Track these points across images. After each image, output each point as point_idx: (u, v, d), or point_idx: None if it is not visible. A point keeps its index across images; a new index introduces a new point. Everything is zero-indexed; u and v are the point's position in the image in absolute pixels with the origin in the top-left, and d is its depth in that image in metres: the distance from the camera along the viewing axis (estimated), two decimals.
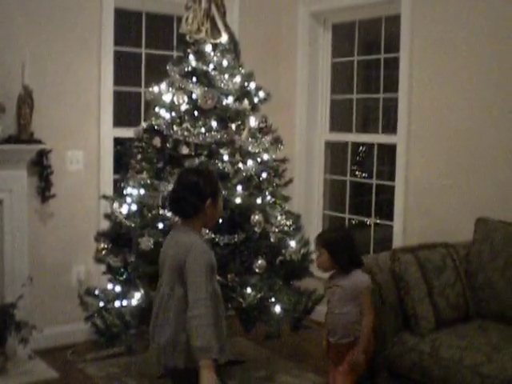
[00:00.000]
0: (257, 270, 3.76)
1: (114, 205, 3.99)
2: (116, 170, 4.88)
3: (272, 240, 3.89)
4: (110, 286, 4.04)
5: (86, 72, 4.73)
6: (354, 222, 5.70)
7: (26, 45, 4.43)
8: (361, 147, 5.90)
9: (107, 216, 4.09)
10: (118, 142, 4.97)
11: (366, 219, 5.46)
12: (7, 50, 4.37)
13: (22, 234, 4.41)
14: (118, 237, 3.95)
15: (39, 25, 4.52)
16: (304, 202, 5.49)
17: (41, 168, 4.49)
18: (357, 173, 5.91)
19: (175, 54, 5.09)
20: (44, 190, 4.52)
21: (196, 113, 3.95)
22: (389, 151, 5.15)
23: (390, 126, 5.14)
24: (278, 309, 3.86)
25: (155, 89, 4.12)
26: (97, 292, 4.05)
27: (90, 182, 4.79)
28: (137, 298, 3.76)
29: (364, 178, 5.78)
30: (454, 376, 3.14)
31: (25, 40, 4.44)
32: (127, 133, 4.87)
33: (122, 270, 3.86)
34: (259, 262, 3.76)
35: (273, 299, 3.85)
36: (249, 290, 3.71)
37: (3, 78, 4.35)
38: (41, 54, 4.50)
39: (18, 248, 4.39)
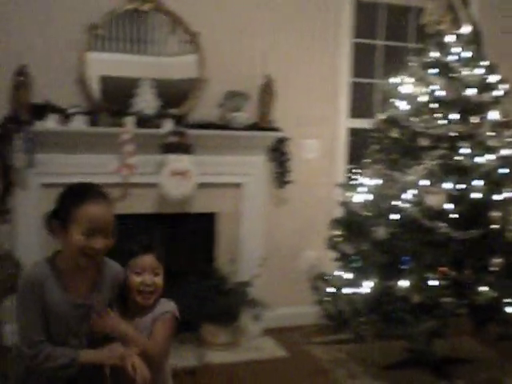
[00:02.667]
0: (493, 269, 3.66)
1: (350, 194, 4.07)
2: (349, 160, 4.97)
3: (509, 238, 3.76)
4: (339, 273, 4.12)
5: (324, 63, 4.86)
6: None
7: (269, 36, 4.63)
8: None
9: (342, 204, 4.17)
10: (352, 132, 5.05)
11: None
12: (251, 42, 4.61)
13: (258, 216, 4.64)
14: (352, 225, 4.02)
15: (279, 17, 4.70)
16: None
17: (279, 155, 4.67)
18: None
19: (410, 45, 5.09)
20: (281, 176, 4.70)
21: (436, 105, 3.91)
22: None
23: None
24: (511, 310, 3.73)
25: (394, 80, 4.13)
26: (328, 278, 4.15)
27: (324, 171, 4.92)
28: (368, 286, 3.80)
29: None
30: None
31: (267, 31, 4.64)
32: (361, 123, 4.96)
33: (356, 257, 3.93)
34: (496, 260, 3.65)
35: (507, 299, 3.73)
36: (484, 288, 3.62)
37: (247, 68, 4.59)
38: (281, 44, 4.69)
39: (254, 230, 4.63)
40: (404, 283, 3.64)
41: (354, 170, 4.42)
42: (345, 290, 3.94)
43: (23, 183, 4.12)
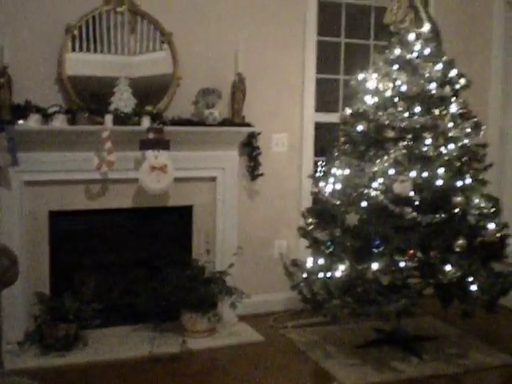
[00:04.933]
0: (457, 249, 3.93)
1: (321, 184, 4.31)
2: (316, 153, 5.22)
3: (471, 221, 4.04)
4: (310, 259, 4.35)
5: (291, 61, 5.09)
6: None
7: (239, 36, 4.83)
8: None
9: (313, 194, 4.41)
10: (316, 126, 5.28)
11: None
12: (222, 41, 4.81)
13: (232, 208, 4.85)
14: (324, 213, 4.26)
15: (251, 17, 4.92)
16: (499, 188, 5.53)
17: (250, 149, 4.89)
18: None
19: (372, 42, 5.36)
20: (253, 169, 4.92)
21: (399, 99, 4.17)
22: None
23: None
24: (474, 288, 4.00)
25: (360, 76, 4.38)
26: (301, 264, 4.38)
27: (292, 163, 5.15)
28: (341, 269, 4.04)
29: None
30: None
31: (238, 32, 4.83)
32: (327, 117, 5.23)
33: (328, 243, 4.16)
34: (459, 241, 3.93)
35: (470, 278, 4.00)
36: (448, 267, 3.89)
37: (220, 66, 4.80)
38: (252, 44, 4.88)
39: (228, 221, 4.84)
40: (375, 266, 3.89)
41: (322, 162, 4.67)
42: (319, 275, 4.18)
43: (6, 182, 4.24)
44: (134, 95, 4.47)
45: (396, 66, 4.27)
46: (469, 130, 4.22)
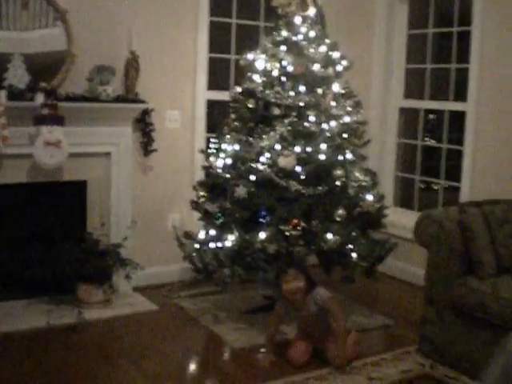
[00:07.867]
0: (337, 219, 4.23)
1: (211, 158, 4.51)
2: (208, 129, 5.42)
3: (351, 193, 4.35)
4: (202, 231, 4.56)
5: (184, 40, 5.25)
6: (422, 186, 6.12)
7: (133, 15, 4.95)
8: (431, 115, 6.28)
9: (205, 168, 4.61)
10: (209, 103, 5.48)
11: (435, 180, 5.87)
12: (117, 19, 4.91)
13: (126, 183, 4.99)
14: (214, 186, 4.47)
15: None
16: (378, 163, 5.90)
17: (144, 125, 5.04)
18: (426, 139, 6.28)
19: (262, 24, 5.58)
20: (146, 145, 5.08)
21: (286, 78, 4.42)
22: (459, 119, 5.50)
23: (461, 95, 5.49)
24: (354, 255, 4.32)
25: (249, 56, 4.59)
26: (193, 235, 4.58)
27: (185, 139, 5.33)
28: (231, 239, 4.27)
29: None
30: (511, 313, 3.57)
31: (132, 10, 4.96)
32: (218, 95, 5.42)
33: (219, 215, 4.38)
34: (339, 211, 4.23)
35: (350, 246, 4.32)
36: (329, 235, 4.18)
37: (113, 44, 4.90)
38: (146, 23, 5.02)
39: (122, 195, 4.99)
40: (262, 235, 4.15)
41: (213, 138, 4.88)
42: (210, 245, 4.39)
43: None
44: (29, 71, 4.51)
45: (283, 47, 4.50)
46: (349, 108, 4.52)
